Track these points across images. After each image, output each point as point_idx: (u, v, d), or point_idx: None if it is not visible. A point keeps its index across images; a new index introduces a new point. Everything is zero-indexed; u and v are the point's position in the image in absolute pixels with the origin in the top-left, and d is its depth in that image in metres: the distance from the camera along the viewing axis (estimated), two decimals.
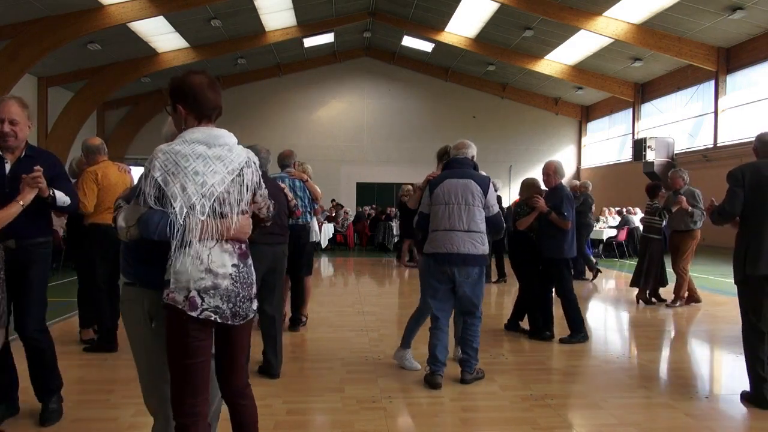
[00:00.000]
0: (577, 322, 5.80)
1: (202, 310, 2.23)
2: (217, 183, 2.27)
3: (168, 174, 2.22)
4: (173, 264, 2.24)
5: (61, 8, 14.17)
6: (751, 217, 4.05)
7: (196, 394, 2.29)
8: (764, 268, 3.93)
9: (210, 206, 2.25)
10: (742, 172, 4.09)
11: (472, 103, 25.32)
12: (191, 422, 2.28)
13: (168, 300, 2.23)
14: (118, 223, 2.32)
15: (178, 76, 2.40)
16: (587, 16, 16.31)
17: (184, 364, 2.26)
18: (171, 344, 2.29)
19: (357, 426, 3.59)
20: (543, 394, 4.22)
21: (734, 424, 3.81)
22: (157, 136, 2.72)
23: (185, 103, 2.35)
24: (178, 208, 2.20)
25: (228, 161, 2.32)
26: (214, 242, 2.27)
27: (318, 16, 19.46)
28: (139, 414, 3.65)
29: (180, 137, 2.32)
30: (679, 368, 5.19)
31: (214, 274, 2.25)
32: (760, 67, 15.87)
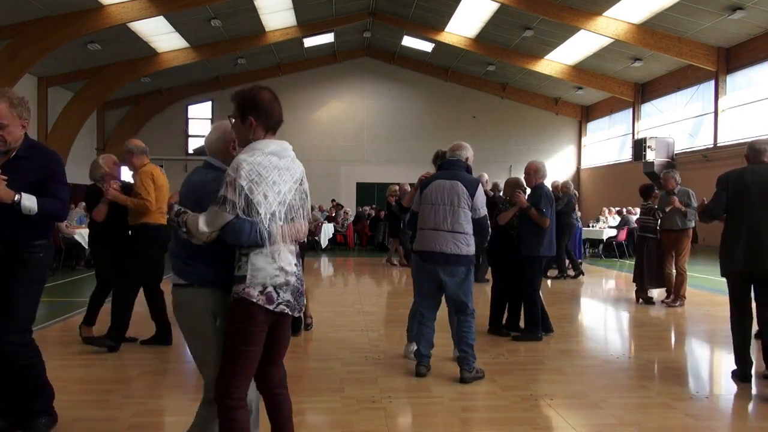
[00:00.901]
0: (534, 321, 5.87)
1: (278, 304, 2.47)
2: (287, 191, 2.53)
3: (253, 183, 2.41)
4: (250, 262, 2.45)
5: (61, 8, 14.17)
6: (731, 217, 4.52)
7: (246, 379, 2.50)
8: (740, 263, 4.41)
9: (284, 212, 2.51)
10: (727, 177, 4.57)
11: (472, 103, 25.32)
12: (239, 405, 2.47)
13: (242, 294, 2.44)
14: (199, 228, 2.44)
15: (248, 90, 2.61)
16: (587, 16, 16.31)
17: (244, 350, 2.46)
18: (234, 332, 2.47)
19: (357, 426, 3.59)
20: (543, 394, 4.22)
21: (734, 424, 3.81)
22: (157, 135, 2.76)
23: (257, 116, 2.55)
24: (263, 214, 2.42)
25: (293, 171, 2.58)
26: (283, 243, 2.51)
27: (318, 16, 19.46)
28: (139, 414, 3.65)
29: (257, 149, 2.50)
30: (679, 368, 5.19)
31: (285, 272, 2.51)
32: (760, 67, 15.87)
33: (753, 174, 4.46)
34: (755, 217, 4.38)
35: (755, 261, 4.36)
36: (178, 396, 4.22)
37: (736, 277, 4.50)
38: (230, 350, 2.49)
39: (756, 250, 4.35)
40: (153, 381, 4.43)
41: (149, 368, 4.73)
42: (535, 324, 5.88)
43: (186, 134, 24.71)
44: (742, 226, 4.42)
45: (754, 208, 4.39)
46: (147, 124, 24.04)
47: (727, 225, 4.57)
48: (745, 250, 4.38)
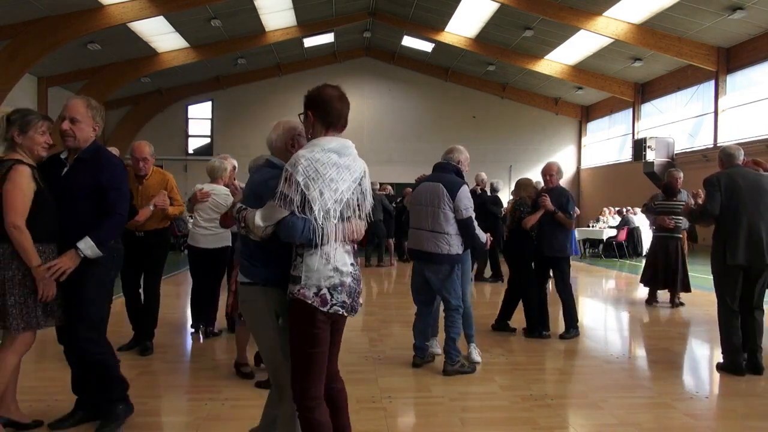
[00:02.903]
0: (574, 318, 6.00)
1: (332, 305, 2.49)
2: (345, 190, 2.52)
3: (309, 179, 2.42)
4: (304, 263, 2.47)
5: (61, 8, 14.16)
6: (727, 216, 4.74)
7: (318, 379, 2.54)
8: (740, 258, 4.67)
9: (340, 210, 2.49)
10: (717, 178, 4.84)
11: (472, 103, 25.31)
12: (316, 405, 2.52)
13: (298, 295, 2.46)
14: (255, 222, 2.47)
15: (315, 87, 2.69)
16: (587, 16, 16.30)
17: (311, 353, 2.50)
18: (298, 335, 2.51)
19: (357, 426, 3.58)
20: (543, 394, 4.22)
21: (734, 424, 3.81)
22: (157, 135, 2.79)
23: (315, 111, 2.59)
24: (316, 211, 2.42)
25: (353, 170, 2.58)
26: (338, 243, 2.51)
27: (318, 16, 19.46)
28: (139, 414, 3.65)
29: (317, 145, 2.52)
30: (680, 368, 5.19)
31: (340, 272, 2.51)
32: (760, 67, 15.87)
33: (742, 177, 4.81)
34: (751, 216, 4.69)
35: (755, 257, 4.68)
36: (178, 396, 4.22)
37: (735, 272, 4.74)
38: (298, 353, 2.52)
39: (756, 248, 4.67)
40: (153, 381, 4.43)
41: (149, 368, 4.73)
42: (576, 319, 5.98)
43: (186, 134, 24.70)
44: (739, 224, 4.69)
45: (748, 207, 4.70)
46: (147, 124, 24.03)
47: (723, 224, 4.78)
48: (745, 246, 4.66)
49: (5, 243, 3.06)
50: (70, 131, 3.22)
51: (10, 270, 3.08)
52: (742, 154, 5.01)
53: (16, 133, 3.13)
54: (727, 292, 4.83)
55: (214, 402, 4.00)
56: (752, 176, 4.88)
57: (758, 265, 4.71)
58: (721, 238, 4.80)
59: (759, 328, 4.86)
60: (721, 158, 5.03)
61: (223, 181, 5.79)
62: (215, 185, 5.74)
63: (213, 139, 24.38)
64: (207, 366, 5.06)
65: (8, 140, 3.13)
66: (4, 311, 3.08)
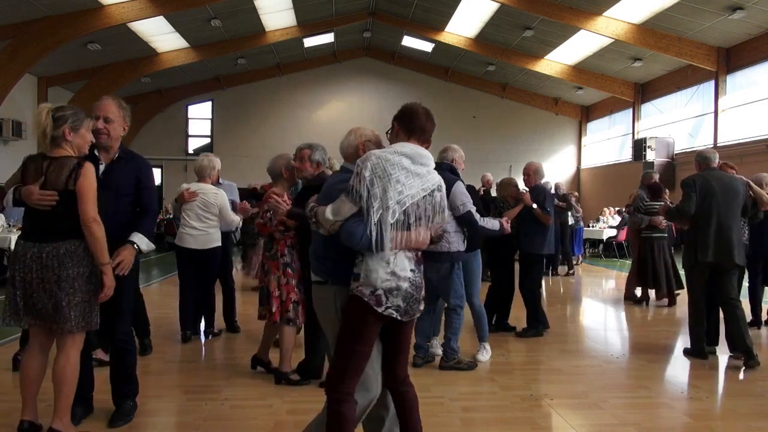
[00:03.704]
0: (537, 317, 6.03)
1: (386, 308, 2.55)
2: (410, 195, 2.55)
3: (375, 176, 2.50)
4: (364, 262, 2.55)
5: (61, 8, 14.15)
6: (700, 216, 5.06)
7: (355, 376, 2.61)
8: (709, 255, 5.00)
9: (400, 213, 2.52)
10: (693, 180, 5.17)
11: (472, 103, 25.30)
12: (347, 399, 2.60)
13: (356, 291, 2.56)
14: (325, 215, 2.55)
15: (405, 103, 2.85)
16: (587, 16, 16.29)
17: (356, 349, 2.59)
18: (348, 330, 2.60)
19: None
20: (543, 394, 4.23)
21: (734, 424, 3.81)
22: (157, 135, 2.85)
23: (400, 121, 2.76)
24: (375, 207, 2.48)
25: (424, 180, 2.62)
26: (396, 250, 2.56)
27: (318, 16, 19.44)
28: (139, 414, 3.65)
29: (392, 147, 2.64)
30: (679, 368, 5.19)
31: (398, 277, 2.56)
32: (760, 67, 15.86)
33: (716, 179, 5.15)
34: (722, 217, 5.03)
35: (723, 255, 5.02)
36: (178, 396, 4.22)
37: (704, 268, 5.10)
38: (343, 347, 2.61)
39: (724, 246, 5.02)
40: (153, 381, 4.43)
41: (149, 368, 4.73)
42: (537, 320, 5.96)
43: (186, 134, 24.67)
44: (710, 224, 5.03)
45: (720, 208, 5.04)
46: (147, 124, 24.02)
47: (696, 223, 5.12)
48: (714, 245, 5.01)
49: (76, 239, 3.08)
50: (105, 129, 3.34)
51: (81, 267, 3.09)
52: (717, 157, 5.38)
53: (68, 131, 3.11)
54: (695, 287, 5.19)
55: (214, 402, 4.01)
56: (726, 178, 5.24)
57: (726, 262, 5.05)
58: (693, 237, 5.14)
59: (742, 318, 5.07)
60: (698, 161, 5.37)
61: (211, 179, 5.69)
62: (202, 184, 5.63)
63: (213, 139, 24.37)
64: (207, 366, 5.07)
65: (57, 137, 3.10)
66: (66, 310, 3.05)
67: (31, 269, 3.04)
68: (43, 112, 3.09)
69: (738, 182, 5.31)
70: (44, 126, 3.06)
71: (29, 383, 3.16)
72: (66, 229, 3.07)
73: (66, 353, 3.13)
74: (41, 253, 3.04)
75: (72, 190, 3.04)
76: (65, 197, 3.04)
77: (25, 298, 3.07)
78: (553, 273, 11.55)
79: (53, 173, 3.06)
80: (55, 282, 3.03)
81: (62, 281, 3.03)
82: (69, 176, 3.04)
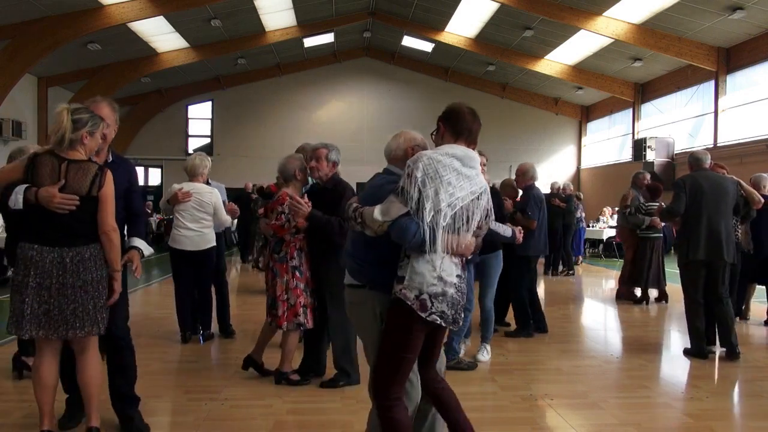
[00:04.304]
0: (524, 319, 6.02)
1: (431, 313, 2.47)
2: (461, 197, 2.50)
3: (427, 177, 2.44)
4: (410, 264, 2.48)
5: (61, 8, 14.15)
6: (691, 215, 5.22)
7: (401, 382, 2.57)
8: (701, 254, 5.14)
9: (451, 216, 2.47)
10: (683, 181, 5.33)
11: (472, 103, 24.00)
12: (396, 404, 2.55)
13: (399, 294, 2.48)
14: (374, 216, 2.48)
15: (450, 103, 2.81)
16: (587, 16, 16.29)
17: (402, 357, 2.53)
18: (393, 337, 2.54)
19: (357, 426, 3.59)
20: (543, 394, 4.22)
21: (734, 424, 3.81)
22: (157, 135, 2.83)
23: (446, 122, 2.70)
24: (427, 209, 2.42)
25: (473, 182, 2.56)
26: (446, 253, 2.50)
27: (318, 16, 19.44)
28: None
29: (442, 149, 2.58)
30: (679, 368, 5.19)
31: (444, 282, 2.50)
32: (760, 67, 15.85)
33: (705, 179, 5.29)
34: (712, 216, 5.17)
35: (713, 252, 5.16)
36: (178, 396, 4.22)
37: (697, 265, 5.24)
38: (389, 354, 2.55)
39: (714, 244, 5.15)
40: (153, 381, 4.43)
41: (149, 368, 4.73)
42: (525, 321, 5.95)
43: (186, 134, 24.67)
44: (700, 223, 5.17)
45: (710, 208, 5.18)
46: (147, 124, 24.02)
47: (687, 222, 5.27)
48: (705, 243, 5.15)
49: (97, 243, 3.09)
50: (104, 136, 3.31)
51: (103, 269, 3.11)
52: (708, 158, 5.50)
53: (86, 135, 3.07)
54: (690, 285, 5.31)
55: (214, 402, 4.01)
56: (716, 178, 5.39)
57: (717, 259, 5.19)
58: (685, 236, 5.28)
59: (730, 316, 5.31)
60: (690, 162, 5.51)
61: (202, 178, 5.59)
62: (195, 183, 5.52)
63: (213, 139, 24.37)
64: (207, 366, 5.07)
65: (75, 140, 3.05)
66: (93, 313, 3.06)
67: (51, 275, 2.99)
68: (64, 113, 3.03)
69: (728, 181, 5.45)
70: (65, 128, 3.01)
71: (47, 391, 3.12)
72: (88, 234, 3.07)
73: (88, 355, 3.15)
74: (63, 258, 3.00)
75: (95, 197, 3.04)
76: (86, 203, 3.03)
77: (40, 305, 3.00)
78: (553, 273, 11.56)
79: (74, 177, 3.01)
80: (80, 287, 3.01)
81: (88, 285, 3.04)
82: (92, 182, 3.03)
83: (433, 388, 2.74)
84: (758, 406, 4.09)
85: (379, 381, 2.58)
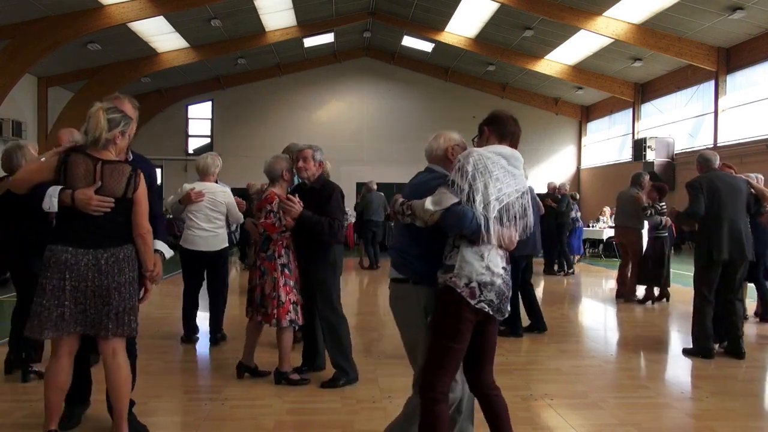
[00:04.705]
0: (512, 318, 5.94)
1: (479, 301, 2.55)
2: (508, 193, 2.61)
3: (477, 171, 2.55)
4: (460, 253, 2.56)
5: (61, 8, 14.15)
6: (710, 216, 5.23)
7: (448, 374, 2.59)
8: (725, 253, 5.17)
9: (498, 210, 2.57)
10: (699, 182, 5.33)
11: (472, 103, 25.26)
12: (441, 399, 2.57)
13: (449, 282, 2.55)
14: (425, 206, 2.56)
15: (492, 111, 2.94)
16: (587, 16, 16.29)
17: (450, 347, 2.56)
18: (442, 327, 2.59)
19: (357, 426, 3.59)
20: (543, 394, 4.22)
21: (734, 424, 3.81)
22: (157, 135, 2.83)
23: (491, 126, 2.82)
24: (477, 201, 2.52)
25: (518, 180, 2.68)
26: (493, 244, 2.59)
27: (318, 16, 19.44)
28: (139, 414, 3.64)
29: (490, 147, 2.70)
30: (679, 368, 5.19)
31: (492, 272, 2.58)
32: (760, 67, 15.86)
33: (720, 179, 5.34)
34: (731, 215, 5.22)
35: (737, 252, 5.21)
36: (178, 396, 4.23)
37: (718, 266, 5.26)
38: (437, 345, 2.59)
39: (737, 243, 5.21)
40: (153, 381, 4.43)
41: (149, 368, 4.73)
42: (514, 323, 5.96)
43: (186, 134, 24.67)
44: (721, 224, 5.20)
45: (728, 208, 5.23)
46: (147, 124, 24.02)
47: (706, 223, 5.28)
48: (728, 242, 5.18)
49: (130, 244, 3.07)
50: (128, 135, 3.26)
51: (135, 271, 3.10)
52: (717, 158, 5.55)
53: (119, 134, 3.04)
54: (705, 284, 5.33)
55: (214, 402, 4.01)
56: (728, 178, 5.46)
57: (739, 258, 5.26)
58: (706, 237, 5.28)
59: (740, 315, 5.41)
60: (699, 163, 5.56)
61: (214, 178, 5.56)
62: (207, 183, 5.48)
63: (213, 139, 24.37)
64: (207, 366, 5.07)
65: (109, 140, 3.00)
66: (124, 314, 3.03)
67: (86, 277, 2.96)
68: (100, 114, 2.97)
69: (740, 181, 5.54)
70: (102, 128, 2.96)
71: (59, 393, 3.08)
72: (122, 235, 3.05)
73: (118, 357, 3.10)
74: (98, 260, 2.97)
75: (130, 198, 3.02)
76: (121, 204, 3.00)
77: (76, 307, 2.96)
78: (548, 272, 11.58)
79: (110, 178, 2.98)
80: (114, 288, 2.99)
81: (122, 287, 3.02)
82: (128, 184, 3.01)
83: (485, 393, 2.75)
84: (758, 406, 4.10)
85: (426, 372, 2.60)
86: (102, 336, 3.04)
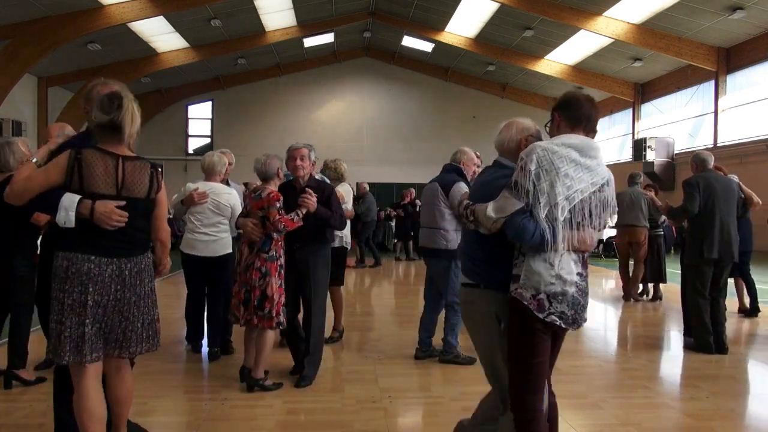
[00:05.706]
0: None
1: (549, 314, 2.35)
2: (580, 190, 2.35)
3: (541, 169, 2.31)
4: (526, 262, 2.36)
5: (61, 8, 14.16)
6: (704, 215, 5.33)
7: (536, 391, 2.42)
8: (715, 252, 5.28)
9: (569, 210, 2.34)
10: (696, 180, 5.42)
11: (472, 103, 25.29)
12: (532, 417, 2.40)
13: (515, 294, 2.38)
14: (487, 213, 2.37)
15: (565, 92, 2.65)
16: (587, 16, 16.30)
17: (529, 363, 2.39)
18: (517, 343, 2.41)
19: (357, 426, 3.58)
20: None
21: (734, 424, 3.80)
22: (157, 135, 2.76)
23: (561, 111, 2.53)
24: (542, 204, 2.29)
25: (594, 173, 2.40)
26: (565, 250, 2.37)
27: (318, 16, 19.45)
28: (139, 414, 3.64)
29: (558, 138, 2.43)
30: (679, 368, 5.19)
31: (563, 281, 2.36)
32: (760, 67, 15.86)
33: (716, 180, 5.44)
34: (724, 216, 5.33)
35: (725, 252, 5.33)
36: (178, 396, 4.22)
37: (709, 263, 5.37)
38: (517, 362, 2.42)
39: (726, 244, 5.32)
40: (153, 381, 4.43)
41: (149, 368, 4.73)
42: None
43: (186, 134, 24.69)
44: (714, 223, 5.31)
45: (722, 208, 5.34)
46: (147, 124, 24.02)
47: (699, 222, 5.37)
48: (718, 242, 5.30)
49: (148, 252, 2.81)
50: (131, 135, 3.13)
51: (152, 282, 2.82)
52: (712, 159, 5.64)
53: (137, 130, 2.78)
54: (699, 282, 5.42)
55: (214, 402, 4.00)
56: (723, 180, 5.57)
57: (728, 258, 5.39)
58: (698, 235, 5.39)
59: (723, 312, 5.52)
60: (695, 163, 5.64)
61: (220, 177, 5.19)
62: (212, 183, 5.08)
63: (213, 139, 24.38)
64: (207, 366, 5.06)
65: (132, 135, 2.71)
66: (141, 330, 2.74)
67: (109, 290, 2.62)
68: (134, 105, 2.68)
69: (732, 182, 5.70)
70: (138, 123, 2.68)
71: (100, 422, 2.70)
72: (144, 242, 2.78)
73: (122, 371, 2.84)
74: (122, 271, 2.65)
75: (153, 199, 2.77)
76: (145, 206, 2.74)
77: (99, 324, 2.63)
78: None
79: (132, 177, 2.68)
80: (135, 303, 2.69)
81: (141, 300, 2.72)
82: (150, 183, 2.74)
83: None
84: (758, 406, 4.09)
85: (513, 393, 2.43)
86: (122, 356, 2.74)
